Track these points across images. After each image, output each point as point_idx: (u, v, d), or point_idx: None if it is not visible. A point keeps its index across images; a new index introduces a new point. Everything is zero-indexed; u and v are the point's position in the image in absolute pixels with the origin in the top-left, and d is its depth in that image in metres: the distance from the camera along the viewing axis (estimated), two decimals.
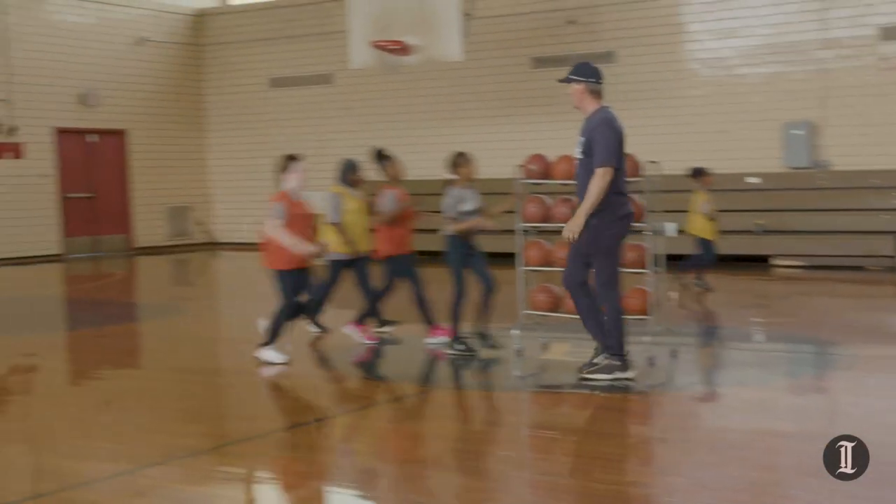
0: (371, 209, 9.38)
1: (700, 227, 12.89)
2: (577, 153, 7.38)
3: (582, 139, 7.31)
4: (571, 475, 5.36)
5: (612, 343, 7.26)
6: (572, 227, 7.16)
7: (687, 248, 13.18)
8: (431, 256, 9.69)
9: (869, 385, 7.59)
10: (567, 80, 7.39)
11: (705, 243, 12.85)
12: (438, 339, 8.83)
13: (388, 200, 9.12)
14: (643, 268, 8.20)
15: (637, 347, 7.91)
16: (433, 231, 9.82)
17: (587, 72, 7.41)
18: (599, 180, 7.07)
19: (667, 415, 6.89)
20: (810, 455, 5.21)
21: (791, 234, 16.27)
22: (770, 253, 16.14)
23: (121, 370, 8.97)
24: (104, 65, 21.23)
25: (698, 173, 13.17)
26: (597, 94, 7.36)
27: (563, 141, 18.42)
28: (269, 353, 8.14)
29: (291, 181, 8.28)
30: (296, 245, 7.97)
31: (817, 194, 16.68)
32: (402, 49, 16.89)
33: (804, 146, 16.97)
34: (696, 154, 18.03)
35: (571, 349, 8.98)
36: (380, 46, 16.97)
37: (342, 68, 20.33)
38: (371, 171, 10.03)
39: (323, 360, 8.89)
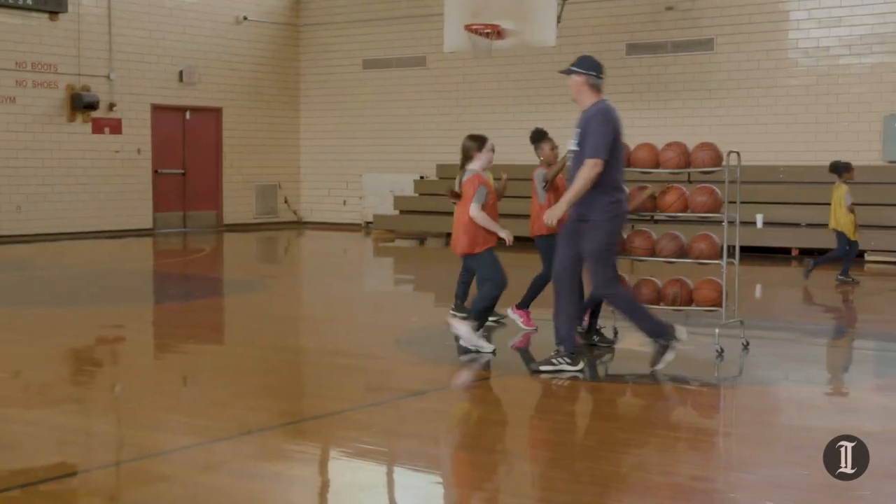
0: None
1: (843, 221, 12.71)
2: (571, 145, 7.23)
3: (577, 130, 7.15)
4: (640, 468, 5.27)
5: (652, 328, 7.28)
6: (553, 215, 7.10)
7: (772, 240, 12.91)
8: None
9: None
10: (568, 72, 7.24)
11: (845, 238, 12.73)
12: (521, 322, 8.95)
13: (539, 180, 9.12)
14: (716, 258, 8.04)
15: (706, 339, 7.76)
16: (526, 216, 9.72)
17: (589, 65, 7.25)
18: (587, 171, 6.94)
19: (741, 409, 6.74)
20: (892, 457, 5.03)
21: (888, 229, 15.79)
22: (865, 248, 15.69)
23: (203, 345, 9.12)
24: (204, 43, 21.59)
25: (840, 167, 12.89)
26: (596, 89, 7.19)
27: (656, 129, 18.26)
28: (474, 338, 8.09)
29: (482, 161, 8.21)
30: (496, 228, 8.06)
31: None
32: (496, 33, 16.80)
33: None
34: (793, 145, 17.66)
35: (645, 339, 8.84)
36: (473, 30, 16.91)
37: (436, 51, 20.37)
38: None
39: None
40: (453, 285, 9.60)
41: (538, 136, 9.25)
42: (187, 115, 21.53)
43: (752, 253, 15.43)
